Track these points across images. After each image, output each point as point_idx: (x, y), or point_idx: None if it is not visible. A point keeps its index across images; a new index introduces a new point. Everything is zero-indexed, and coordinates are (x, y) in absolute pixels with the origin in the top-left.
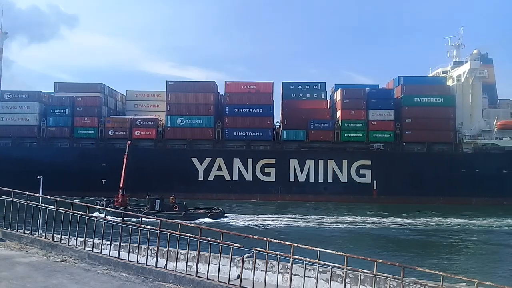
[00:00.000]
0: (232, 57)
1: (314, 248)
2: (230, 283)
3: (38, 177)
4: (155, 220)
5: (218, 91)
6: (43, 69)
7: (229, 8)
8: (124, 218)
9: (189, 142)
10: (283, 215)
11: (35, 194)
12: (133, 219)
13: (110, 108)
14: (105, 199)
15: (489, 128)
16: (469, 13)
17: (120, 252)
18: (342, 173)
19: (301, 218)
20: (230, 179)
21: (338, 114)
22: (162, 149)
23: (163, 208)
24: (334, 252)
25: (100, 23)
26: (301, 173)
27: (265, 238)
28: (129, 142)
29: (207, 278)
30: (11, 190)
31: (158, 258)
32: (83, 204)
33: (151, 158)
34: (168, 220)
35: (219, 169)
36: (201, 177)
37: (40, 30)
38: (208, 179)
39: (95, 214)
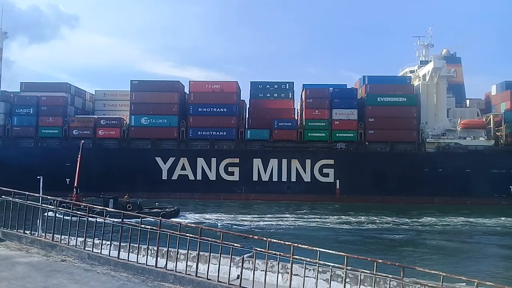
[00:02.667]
0: (232, 57)
1: (314, 248)
2: (230, 283)
3: (38, 177)
4: (155, 220)
5: (185, 91)
6: (43, 69)
7: (229, 8)
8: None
9: (153, 141)
10: (239, 214)
11: (35, 194)
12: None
13: (77, 108)
14: (59, 199)
15: (453, 128)
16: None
17: (120, 252)
18: (305, 172)
19: (260, 218)
20: (194, 179)
21: (303, 113)
22: (126, 149)
23: (117, 207)
24: (334, 252)
25: (100, 23)
26: (265, 173)
27: (265, 238)
28: (82, 141)
29: (207, 278)
30: (11, 190)
31: (158, 258)
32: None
33: (115, 158)
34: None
35: (183, 168)
36: (165, 176)
37: (41, 30)
38: (172, 178)
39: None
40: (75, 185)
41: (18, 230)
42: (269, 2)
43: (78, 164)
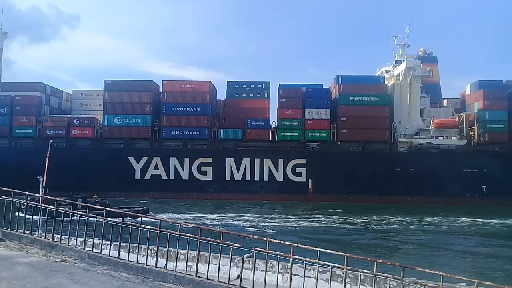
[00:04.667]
0: (232, 57)
1: (314, 248)
2: (230, 283)
3: (38, 177)
4: (155, 220)
5: (160, 90)
6: (43, 69)
7: (230, 8)
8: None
9: (126, 141)
10: (206, 214)
11: (35, 194)
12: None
13: (53, 108)
14: (28, 198)
15: (427, 127)
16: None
17: (120, 252)
18: (278, 172)
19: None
20: (166, 178)
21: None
22: (99, 148)
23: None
24: (334, 252)
25: (100, 23)
26: (237, 172)
27: (265, 238)
28: (51, 141)
29: (207, 278)
30: (11, 190)
31: (158, 258)
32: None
33: (88, 157)
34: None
35: (156, 168)
36: (137, 176)
37: (41, 30)
38: (145, 178)
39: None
40: (44, 184)
41: (18, 230)
42: (269, 2)
43: (46, 164)
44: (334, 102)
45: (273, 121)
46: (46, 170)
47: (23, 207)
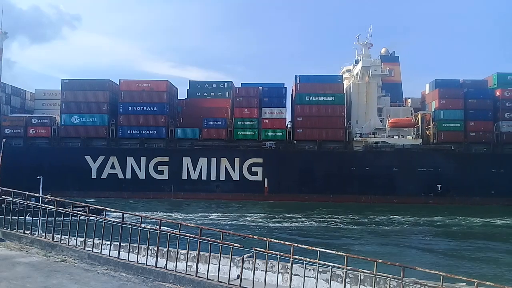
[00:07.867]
0: (232, 57)
1: (314, 248)
2: (230, 283)
3: (38, 177)
4: (155, 220)
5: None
6: (44, 69)
7: (230, 8)
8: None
9: (83, 140)
10: (161, 213)
11: (35, 194)
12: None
13: (14, 107)
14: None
15: (384, 127)
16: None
17: (120, 252)
18: (234, 171)
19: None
20: (123, 177)
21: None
22: (56, 148)
23: None
24: (334, 252)
25: (100, 23)
26: (194, 171)
27: (265, 238)
28: (4, 140)
29: (207, 278)
30: (11, 190)
31: (158, 258)
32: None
33: (45, 157)
34: None
35: (113, 167)
36: (94, 175)
37: (41, 30)
38: (101, 177)
39: None
40: None
41: (18, 230)
42: (270, 2)
43: None
44: (294, 101)
45: (230, 121)
46: None
47: None
